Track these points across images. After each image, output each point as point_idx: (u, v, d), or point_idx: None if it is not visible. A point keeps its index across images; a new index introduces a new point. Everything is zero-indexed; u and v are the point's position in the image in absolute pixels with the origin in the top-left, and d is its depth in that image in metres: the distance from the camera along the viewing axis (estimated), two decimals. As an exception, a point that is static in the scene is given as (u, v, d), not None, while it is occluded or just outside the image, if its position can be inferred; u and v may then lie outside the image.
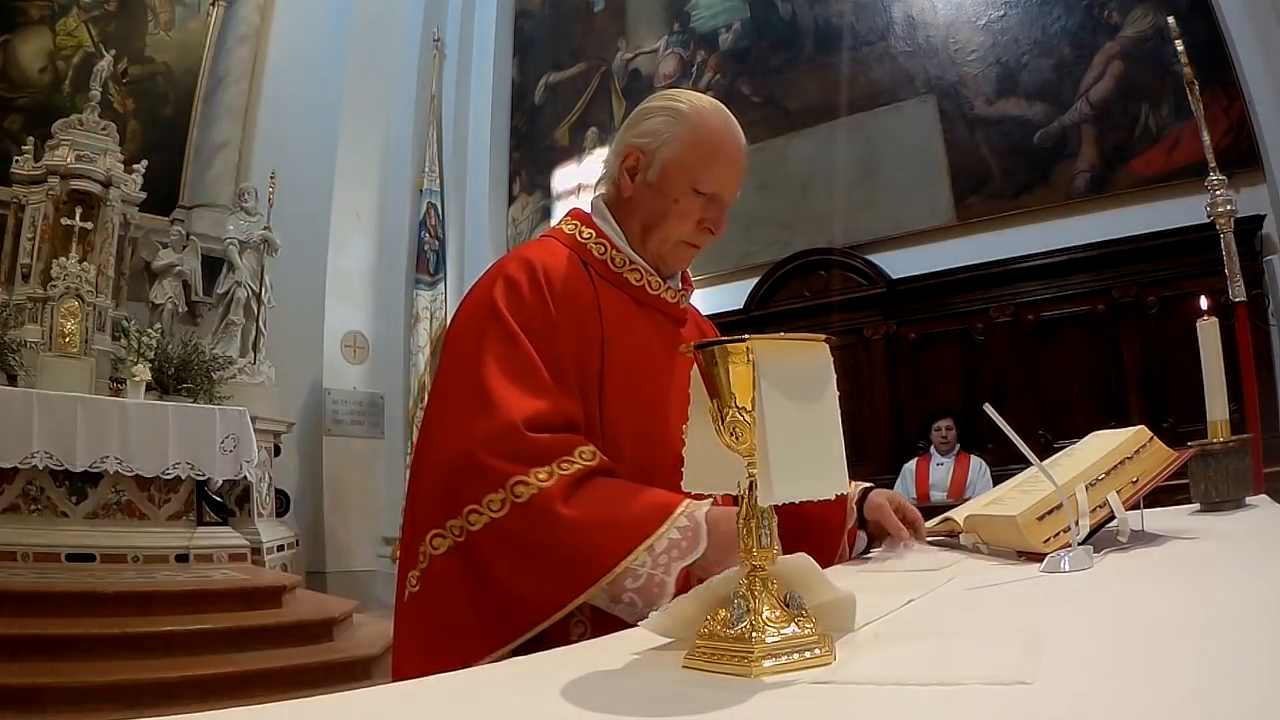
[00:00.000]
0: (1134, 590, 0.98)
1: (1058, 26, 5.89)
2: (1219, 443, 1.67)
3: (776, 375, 0.73)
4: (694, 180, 1.24)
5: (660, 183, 1.25)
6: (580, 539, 1.02)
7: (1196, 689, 0.53)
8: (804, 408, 0.75)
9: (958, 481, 5.41)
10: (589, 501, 1.04)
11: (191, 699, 3.65)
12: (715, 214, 1.27)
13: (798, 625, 0.71)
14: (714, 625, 0.73)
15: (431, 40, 8.78)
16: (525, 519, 1.03)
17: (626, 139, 1.30)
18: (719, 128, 1.26)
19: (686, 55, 7.64)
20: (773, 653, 0.68)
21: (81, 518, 5.29)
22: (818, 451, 0.75)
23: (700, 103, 1.28)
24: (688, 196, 1.25)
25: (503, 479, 1.05)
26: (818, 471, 0.75)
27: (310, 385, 7.85)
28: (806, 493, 0.74)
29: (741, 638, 0.70)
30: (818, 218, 6.75)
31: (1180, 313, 4.97)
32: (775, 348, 0.74)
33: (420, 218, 8.29)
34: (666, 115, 1.26)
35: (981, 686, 0.57)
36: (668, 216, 1.26)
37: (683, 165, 1.24)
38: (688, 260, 1.34)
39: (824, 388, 0.77)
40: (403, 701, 0.66)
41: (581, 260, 1.27)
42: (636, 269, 1.29)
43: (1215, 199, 3.06)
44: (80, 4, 7.49)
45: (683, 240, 1.28)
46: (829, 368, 0.78)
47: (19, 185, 6.15)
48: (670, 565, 1.00)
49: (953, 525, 1.52)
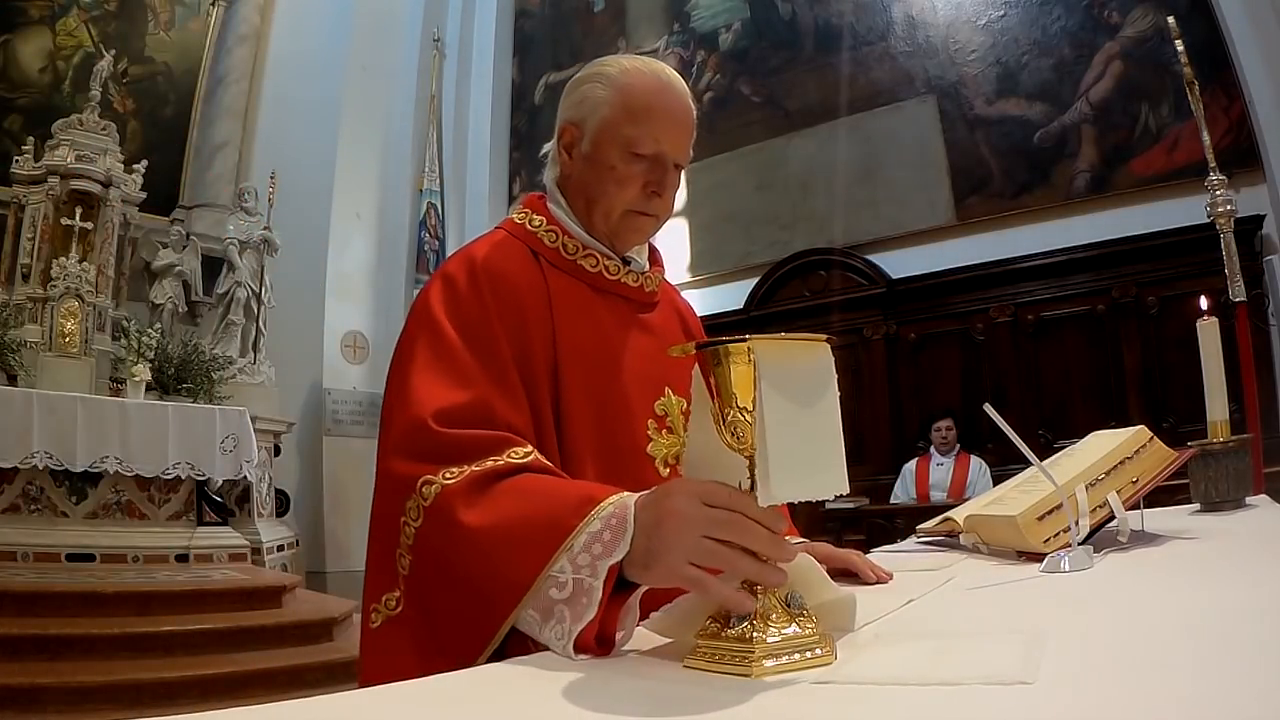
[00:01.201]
0: (1134, 590, 0.98)
1: (1058, 26, 5.89)
2: (1219, 443, 1.67)
3: (777, 375, 0.73)
4: (628, 142, 1.14)
5: (594, 152, 1.17)
6: (487, 548, 0.86)
7: (1196, 689, 0.53)
8: (805, 408, 0.74)
9: (958, 481, 5.41)
10: (498, 503, 0.89)
11: (191, 699, 3.65)
12: (659, 175, 1.16)
13: (799, 625, 0.71)
14: (715, 625, 0.73)
15: (431, 40, 8.78)
16: (434, 525, 0.91)
17: (560, 115, 1.22)
18: (650, 84, 1.16)
19: (686, 55, 7.64)
20: (773, 653, 0.68)
21: (81, 518, 5.29)
22: (818, 452, 0.74)
23: (630, 63, 1.19)
24: (625, 161, 1.15)
25: (413, 482, 0.93)
26: (818, 472, 0.74)
27: (310, 385, 7.85)
28: (806, 493, 0.73)
29: (742, 638, 0.70)
30: (818, 218, 6.75)
31: (1180, 313, 4.97)
32: (776, 348, 0.74)
33: (420, 218, 8.30)
34: (594, 82, 1.18)
35: (981, 686, 0.57)
36: (607, 186, 1.16)
37: (614, 128, 1.15)
38: (644, 233, 1.23)
39: (825, 388, 0.76)
40: (403, 702, 0.66)
41: (532, 251, 1.18)
42: (592, 254, 1.19)
43: (1215, 199, 3.05)
44: (80, 4, 7.48)
45: (629, 210, 1.17)
46: (830, 368, 0.77)
47: (19, 185, 6.15)
48: (595, 565, 0.79)
49: (953, 525, 1.52)
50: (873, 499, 5.78)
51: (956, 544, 1.49)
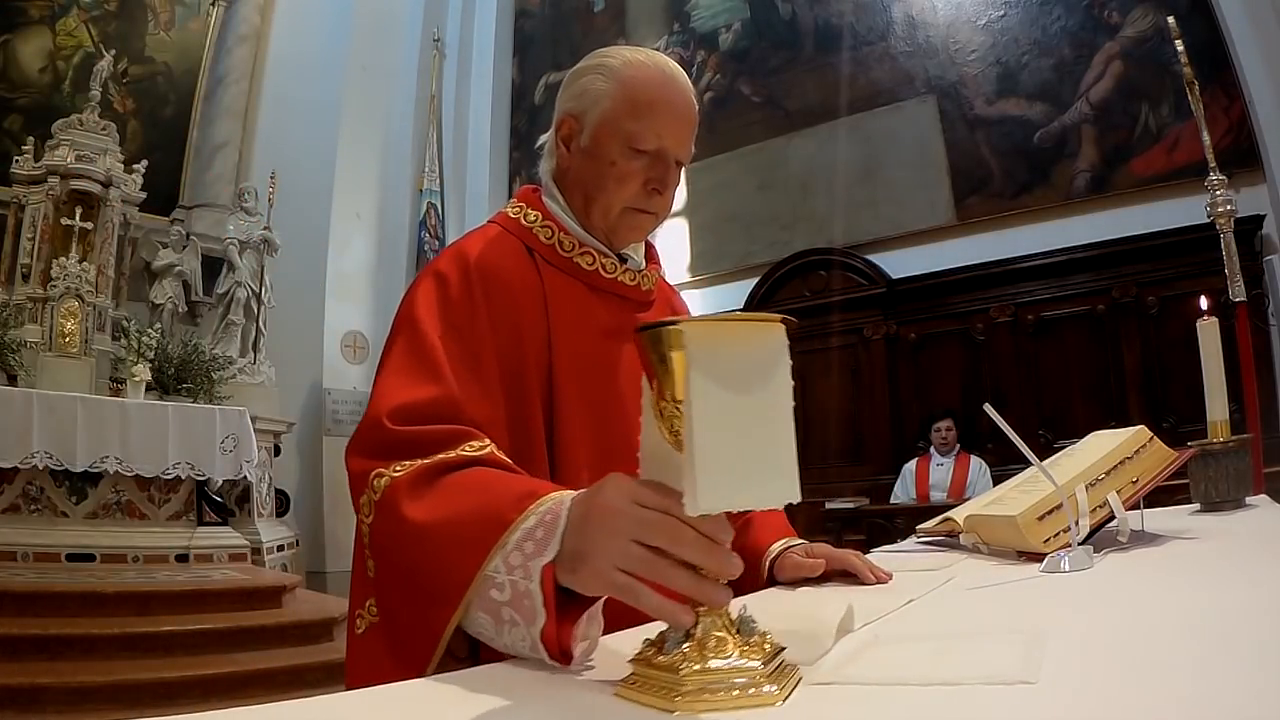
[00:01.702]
0: (1134, 590, 0.98)
1: (1058, 26, 5.89)
2: (1219, 443, 1.67)
3: (711, 362, 0.61)
4: (629, 137, 1.10)
5: (594, 147, 1.13)
6: (428, 545, 0.81)
7: (1196, 689, 0.53)
8: (745, 401, 0.62)
9: (958, 482, 5.41)
10: (442, 496, 0.84)
11: (191, 699, 3.65)
12: (661, 172, 1.12)
13: (745, 656, 0.60)
14: (650, 648, 0.63)
15: (431, 40, 8.78)
16: (382, 521, 0.87)
17: (559, 106, 1.18)
18: (653, 77, 1.12)
19: (686, 55, 7.64)
20: (707, 687, 0.58)
21: (81, 518, 5.29)
22: (760, 454, 0.62)
23: (633, 55, 1.14)
24: (625, 157, 1.11)
25: (366, 477, 0.90)
26: (759, 477, 0.62)
27: (310, 385, 7.85)
28: (743, 501, 0.63)
29: (671, 666, 0.60)
30: (818, 218, 6.75)
31: (1180, 313, 4.97)
32: (711, 331, 0.62)
33: (420, 218, 8.30)
34: (595, 73, 1.14)
35: (982, 686, 0.57)
36: (606, 182, 1.12)
37: (615, 122, 1.11)
38: (643, 230, 1.19)
39: (772, 379, 0.63)
40: (403, 702, 0.66)
41: (526, 247, 1.14)
42: (588, 251, 1.16)
43: (1215, 199, 3.05)
44: (80, 4, 7.48)
45: (629, 207, 1.14)
46: (782, 354, 0.65)
47: (19, 185, 6.15)
48: (527, 565, 0.73)
49: (953, 525, 1.52)
50: (873, 499, 5.78)
51: (956, 544, 1.49)
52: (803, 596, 1.11)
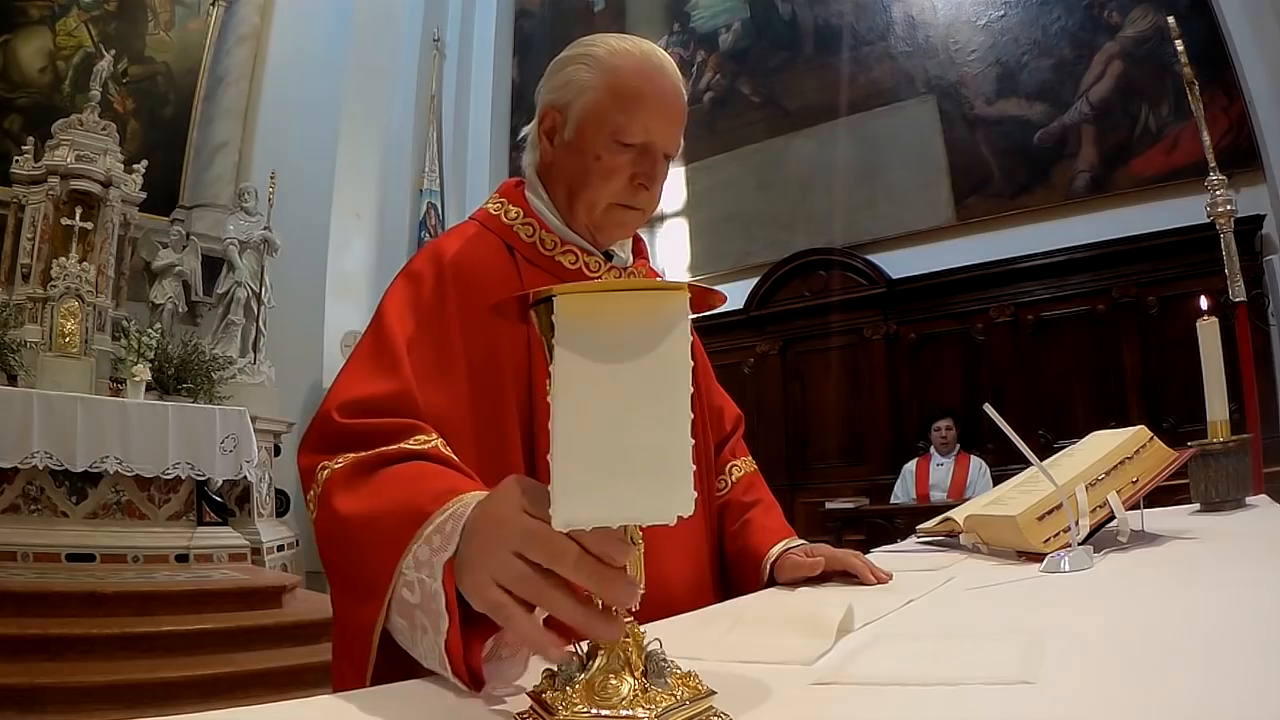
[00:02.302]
0: (1134, 590, 0.98)
1: (1058, 26, 5.89)
2: (1219, 443, 1.67)
3: (584, 340, 0.50)
4: (615, 130, 1.05)
5: (578, 139, 1.07)
6: (356, 540, 0.77)
7: (1196, 689, 0.53)
8: (624, 388, 0.50)
9: (958, 481, 5.41)
10: (373, 490, 0.80)
11: (191, 699, 3.64)
12: (648, 166, 1.07)
13: (635, 704, 0.50)
14: (545, 679, 0.54)
15: (431, 40, 8.78)
16: (321, 514, 0.84)
17: (541, 97, 1.13)
18: (639, 67, 1.06)
19: (686, 55, 7.64)
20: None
21: (81, 518, 5.29)
22: (641, 455, 0.50)
23: (619, 44, 1.09)
24: (611, 151, 1.06)
25: (311, 472, 0.87)
26: (638, 485, 0.50)
27: (310, 385, 7.85)
28: (615, 515, 0.51)
29: (551, 708, 0.51)
30: (818, 218, 6.75)
31: (1180, 313, 4.97)
32: (586, 303, 0.51)
33: (420, 218, 8.30)
34: (579, 63, 1.09)
35: (982, 686, 0.57)
36: (591, 177, 1.07)
37: (600, 115, 1.06)
38: (630, 227, 1.15)
39: (667, 362, 0.51)
40: (403, 701, 0.66)
41: (506, 245, 1.10)
42: (571, 250, 1.12)
43: (1215, 199, 3.05)
44: (80, 4, 7.48)
45: (615, 203, 1.09)
46: (678, 329, 0.52)
47: (19, 185, 6.14)
48: (433, 561, 0.67)
49: (953, 525, 1.52)
50: (873, 499, 5.78)
51: (956, 544, 1.49)
52: (803, 596, 1.11)
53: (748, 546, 1.23)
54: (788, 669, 0.68)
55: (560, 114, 1.10)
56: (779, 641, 0.77)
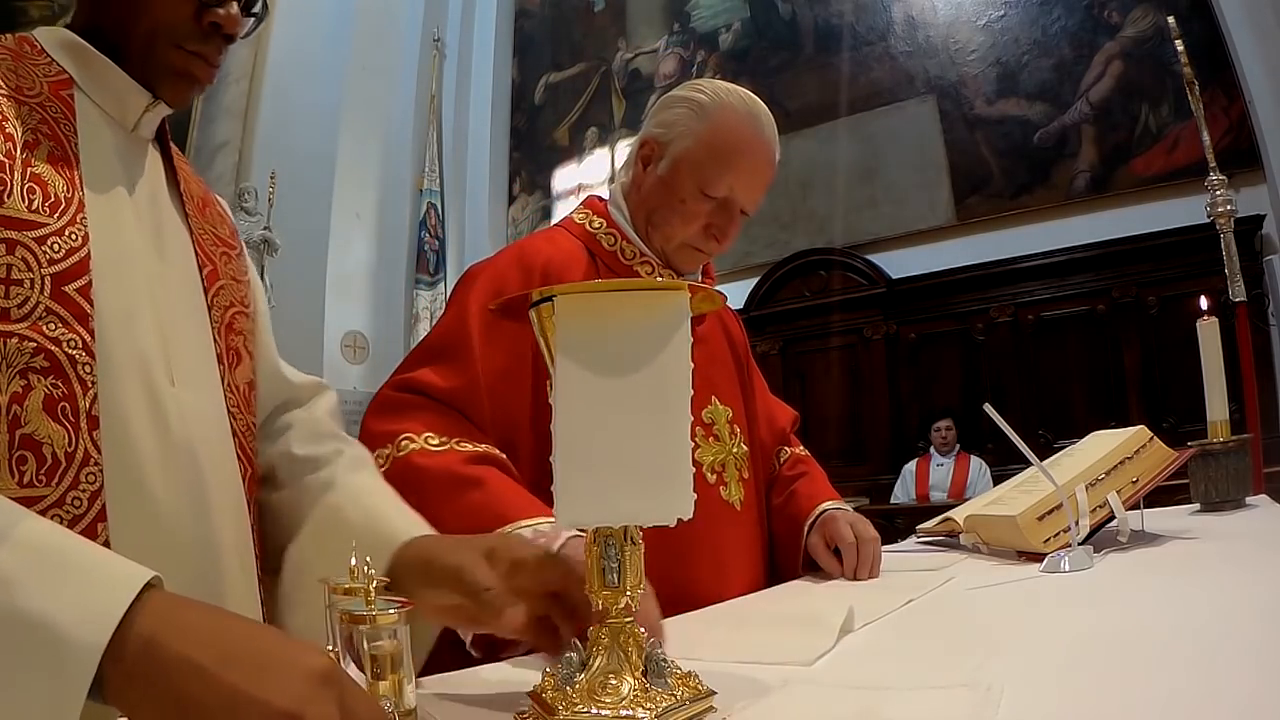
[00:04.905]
0: (1134, 590, 0.98)
1: (1058, 26, 5.89)
2: (1219, 443, 1.67)
3: (583, 343, 0.51)
4: (703, 181, 1.13)
5: (669, 178, 1.15)
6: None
7: (1195, 689, 0.53)
8: (624, 389, 0.51)
9: (958, 482, 5.41)
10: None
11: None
12: (724, 221, 1.15)
13: (635, 703, 0.50)
14: (546, 680, 0.54)
15: (431, 40, 8.77)
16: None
17: (647, 127, 1.21)
18: (741, 126, 1.13)
19: (686, 55, 7.64)
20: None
21: (82, 518, 5.29)
22: (642, 457, 0.51)
23: (727, 97, 1.15)
24: (695, 198, 1.13)
25: (383, 436, 1.04)
26: (639, 486, 0.51)
27: (310, 385, 7.85)
28: (615, 516, 0.52)
29: (551, 707, 0.51)
30: (818, 218, 6.75)
31: (1180, 313, 4.97)
32: (585, 303, 0.51)
33: (420, 218, 8.29)
34: (686, 106, 1.16)
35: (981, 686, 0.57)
36: (672, 216, 1.16)
37: (694, 163, 1.13)
38: (696, 264, 1.23)
39: (667, 365, 0.51)
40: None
41: (589, 252, 1.18)
42: (648, 262, 1.19)
43: (1215, 199, 3.06)
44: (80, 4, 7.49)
45: (686, 243, 1.18)
46: (679, 330, 0.52)
47: (19, 185, 6.15)
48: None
49: (953, 525, 1.52)
50: (873, 499, 5.78)
51: (956, 544, 1.49)
52: (803, 596, 1.11)
53: (791, 514, 1.29)
54: (788, 669, 0.68)
55: (660, 147, 1.18)
56: (779, 641, 0.77)
